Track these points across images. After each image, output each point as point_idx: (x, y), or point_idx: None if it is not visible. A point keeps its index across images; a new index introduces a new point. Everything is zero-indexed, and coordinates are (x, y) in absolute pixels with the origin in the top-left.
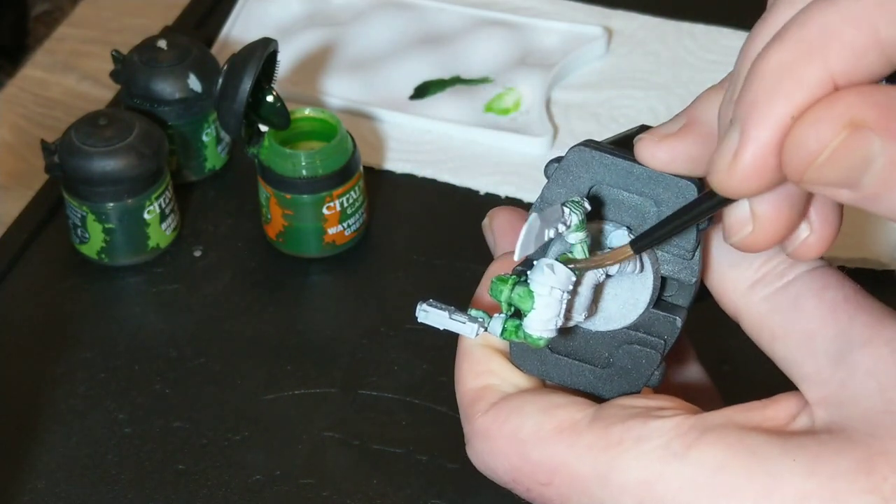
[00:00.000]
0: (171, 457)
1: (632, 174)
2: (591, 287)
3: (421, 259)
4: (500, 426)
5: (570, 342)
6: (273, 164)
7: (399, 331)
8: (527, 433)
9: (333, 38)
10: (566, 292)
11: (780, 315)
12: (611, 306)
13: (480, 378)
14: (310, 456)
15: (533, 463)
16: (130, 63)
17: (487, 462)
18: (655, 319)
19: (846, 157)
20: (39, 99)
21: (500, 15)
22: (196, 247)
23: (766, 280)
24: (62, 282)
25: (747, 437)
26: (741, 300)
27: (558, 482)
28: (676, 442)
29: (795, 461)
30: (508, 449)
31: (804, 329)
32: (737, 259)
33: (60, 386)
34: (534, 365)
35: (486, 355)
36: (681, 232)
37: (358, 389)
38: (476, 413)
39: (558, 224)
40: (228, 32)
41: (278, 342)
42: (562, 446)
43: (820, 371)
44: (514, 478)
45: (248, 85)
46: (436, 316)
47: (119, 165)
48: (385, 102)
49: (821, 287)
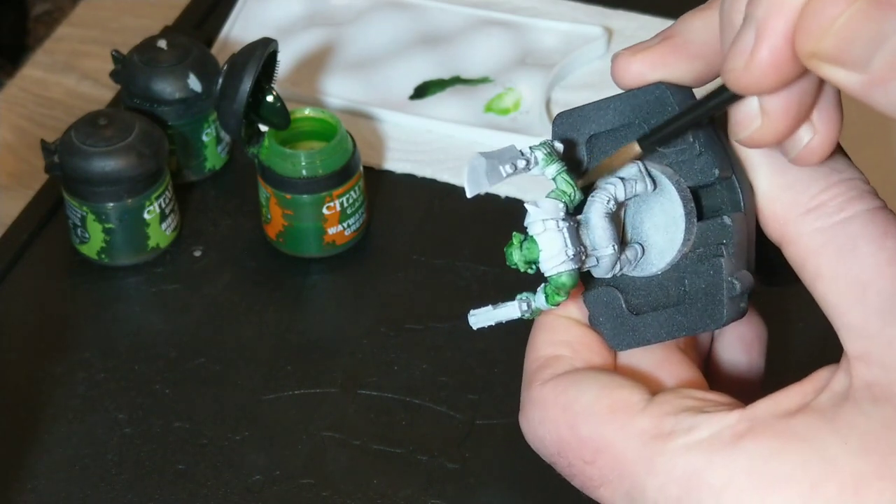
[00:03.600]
0: (171, 457)
1: (610, 108)
2: (603, 215)
3: (421, 259)
4: (556, 396)
5: (646, 296)
6: (273, 164)
7: (399, 331)
8: (580, 407)
9: (333, 38)
10: (560, 220)
11: (832, 253)
12: (656, 239)
13: (553, 348)
14: (310, 456)
15: (580, 438)
16: (130, 63)
17: (537, 431)
18: (705, 230)
19: (859, 29)
20: (39, 99)
21: (500, 15)
22: (196, 247)
23: (823, 210)
24: (62, 282)
25: (796, 424)
26: (791, 226)
27: (602, 462)
28: (726, 432)
29: (847, 443)
30: (559, 420)
31: (856, 275)
32: (791, 181)
33: (60, 386)
34: (628, 338)
35: (566, 326)
36: (689, 129)
37: (358, 389)
38: (536, 380)
39: (516, 161)
40: (228, 32)
41: (278, 342)
42: (612, 426)
43: (867, 324)
44: (559, 450)
45: (248, 85)
46: (483, 315)
47: (119, 165)
48: (385, 102)
49: (882, 233)
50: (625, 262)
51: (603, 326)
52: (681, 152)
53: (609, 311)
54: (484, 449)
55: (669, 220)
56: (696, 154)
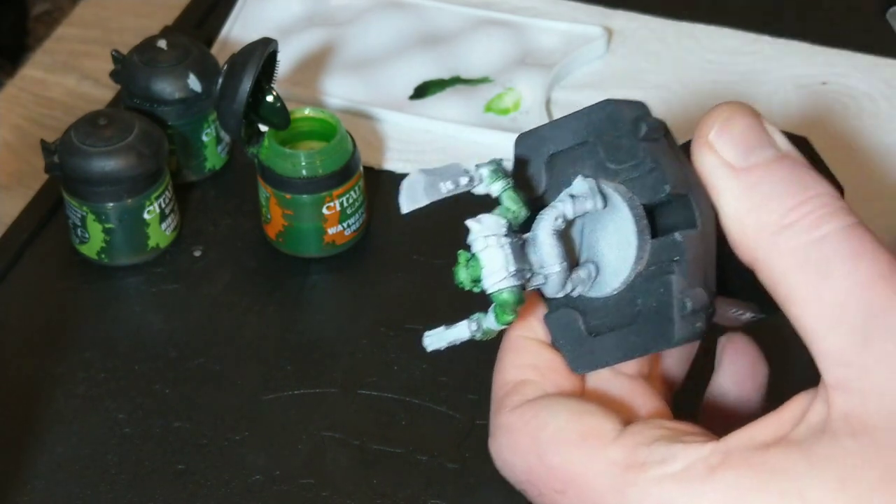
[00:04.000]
0: (171, 457)
1: (566, 128)
2: (551, 232)
3: (421, 259)
4: (525, 424)
5: (603, 317)
6: (273, 164)
7: (399, 331)
8: (549, 434)
9: (333, 38)
10: (503, 236)
11: (805, 276)
12: (610, 258)
13: (521, 371)
14: (310, 456)
15: (550, 467)
16: (130, 63)
17: (506, 458)
18: (659, 249)
19: None
20: (39, 99)
21: (500, 15)
22: (196, 247)
23: (794, 230)
24: (62, 282)
25: (771, 457)
26: (762, 248)
27: (573, 493)
28: (700, 465)
29: (824, 479)
30: (528, 448)
31: (831, 299)
32: (758, 201)
33: (60, 386)
34: (586, 360)
35: (534, 348)
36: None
37: (358, 389)
38: (506, 406)
39: (458, 178)
40: (228, 32)
41: (278, 342)
42: (583, 455)
43: (844, 350)
44: (528, 479)
45: (248, 85)
46: (436, 336)
47: (119, 165)
48: (385, 102)
49: (856, 253)
50: (577, 282)
51: (563, 348)
52: (633, 168)
53: (568, 332)
54: (484, 449)
55: (622, 238)
56: (647, 170)
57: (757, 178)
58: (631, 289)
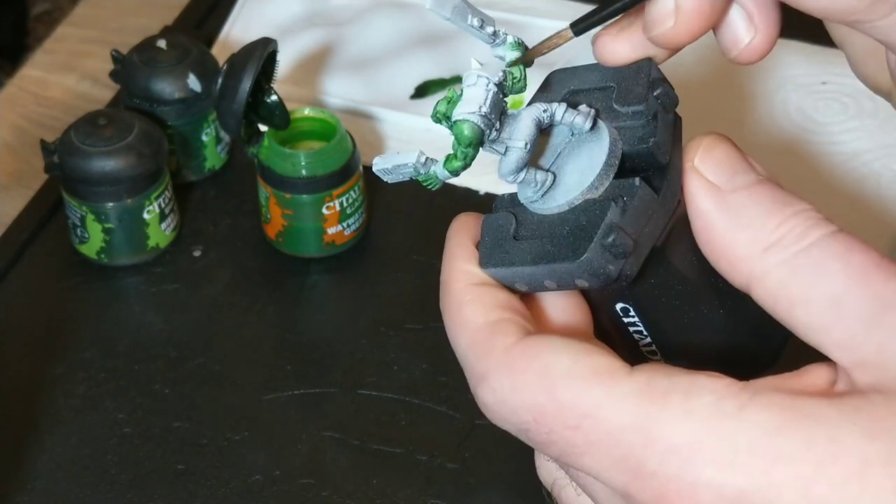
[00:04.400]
0: (170, 457)
1: (597, 71)
2: (533, 118)
3: (421, 259)
4: (530, 360)
5: (534, 231)
6: (273, 164)
7: (399, 331)
8: (560, 370)
9: (333, 38)
10: (494, 83)
11: (801, 279)
12: (570, 178)
13: (493, 312)
14: (310, 456)
15: (562, 403)
16: (130, 63)
17: (507, 399)
18: (615, 186)
19: None
20: (39, 99)
21: (500, 14)
22: (196, 247)
23: (784, 243)
24: (62, 282)
25: (801, 401)
26: (756, 264)
27: (588, 427)
28: (729, 401)
29: (855, 425)
30: (535, 385)
31: (831, 293)
32: (745, 221)
33: (60, 386)
34: (497, 258)
35: (493, 291)
36: (619, 14)
37: (358, 389)
38: (497, 346)
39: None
40: (228, 32)
41: (278, 342)
42: (598, 390)
43: (853, 335)
44: (535, 417)
45: (248, 85)
46: (386, 158)
47: (118, 165)
48: (385, 102)
49: (845, 250)
50: (530, 180)
51: (483, 245)
52: (634, 116)
53: (496, 232)
54: (484, 449)
55: (590, 165)
56: (644, 123)
57: (743, 199)
58: (572, 212)
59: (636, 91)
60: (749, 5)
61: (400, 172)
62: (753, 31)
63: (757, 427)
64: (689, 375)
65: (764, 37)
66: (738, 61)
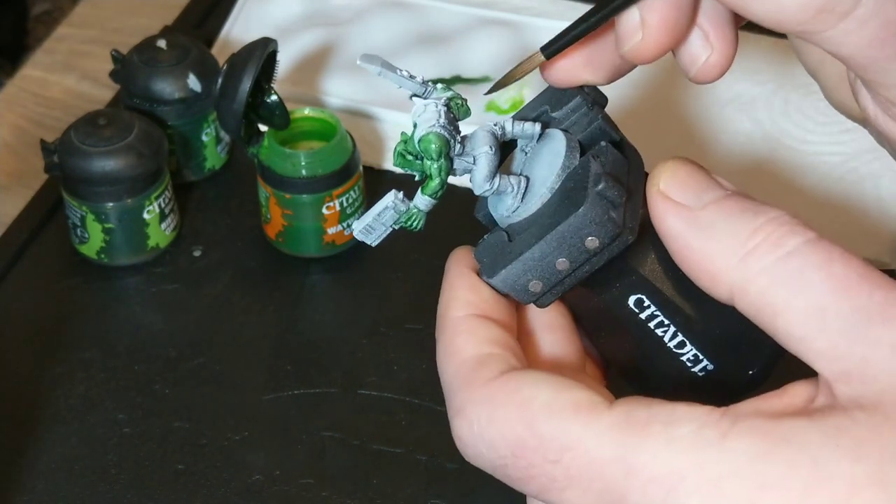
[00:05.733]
0: (170, 457)
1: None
2: (487, 131)
3: (421, 259)
4: (509, 394)
5: (526, 228)
6: (273, 164)
7: (399, 331)
8: (540, 403)
9: (333, 38)
10: (442, 105)
11: (783, 289)
12: (541, 174)
13: (481, 346)
14: (310, 456)
15: (541, 437)
16: (130, 63)
17: (484, 432)
18: (586, 162)
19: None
20: (39, 99)
21: (500, 14)
22: (196, 246)
23: (760, 251)
24: (62, 282)
25: (783, 424)
26: (734, 275)
27: (569, 460)
28: (710, 430)
29: (839, 447)
30: (515, 418)
31: (813, 303)
32: (717, 233)
33: (60, 386)
34: (500, 261)
35: (485, 325)
36: (586, 34)
37: (358, 389)
38: (479, 379)
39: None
40: (228, 32)
41: (278, 342)
42: (579, 423)
43: (836, 346)
44: (514, 451)
45: (248, 85)
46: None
47: (118, 165)
48: (385, 102)
49: (826, 260)
50: (506, 186)
51: (483, 264)
52: (571, 112)
53: (492, 248)
54: None
55: (554, 155)
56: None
57: (713, 214)
58: (556, 192)
59: (567, 94)
60: (705, 24)
61: (381, 223)
62: (710, 49)
63: (740, 454)
64: (669, 406)
65: (720, 55)
66: (697, 80)
